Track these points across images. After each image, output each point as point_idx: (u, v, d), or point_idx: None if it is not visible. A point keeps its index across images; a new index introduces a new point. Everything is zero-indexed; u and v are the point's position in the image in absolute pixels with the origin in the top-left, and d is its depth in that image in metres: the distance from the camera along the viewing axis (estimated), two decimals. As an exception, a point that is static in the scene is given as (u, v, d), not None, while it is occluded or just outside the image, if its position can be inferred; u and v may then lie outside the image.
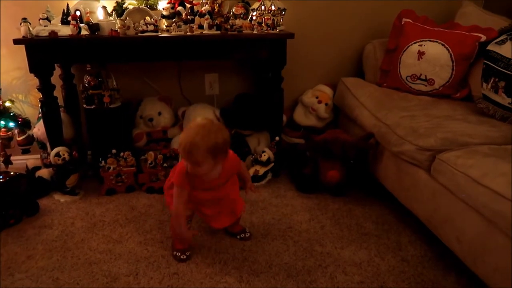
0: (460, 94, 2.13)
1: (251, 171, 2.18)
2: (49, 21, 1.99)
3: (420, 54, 2.16)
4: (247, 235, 1.73)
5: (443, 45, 2.11)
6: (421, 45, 2.16)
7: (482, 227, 1.32)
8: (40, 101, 2.03)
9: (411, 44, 2.19)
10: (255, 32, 2.08)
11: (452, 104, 2.05)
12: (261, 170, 2.20)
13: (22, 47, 1.91)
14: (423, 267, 1.56)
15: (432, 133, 1.65)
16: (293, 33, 2.07)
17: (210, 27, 2.07)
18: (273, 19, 2.10)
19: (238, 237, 1.72)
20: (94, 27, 1.94)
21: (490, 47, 1.93)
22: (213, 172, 1.46)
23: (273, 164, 2.23)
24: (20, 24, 1.88)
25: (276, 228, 1.80)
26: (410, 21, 2.26)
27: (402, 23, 2.27)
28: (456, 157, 1.48)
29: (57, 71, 2.20)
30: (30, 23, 1.89)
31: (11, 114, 2.03)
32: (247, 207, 1.97)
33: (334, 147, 2.00)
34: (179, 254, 1.59)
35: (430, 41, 2.15)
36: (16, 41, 1.88)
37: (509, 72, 1.77)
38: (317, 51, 2.57)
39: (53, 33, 1.89)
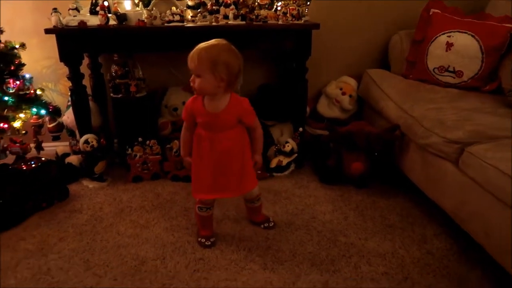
0: (489, 87, 2.09)
1: (274, 162, 2.19)
2: (78, 11, 2.03)
3: (449, 45, 2.12)
4: (270, 224, 1.74)
5: (472, 36, 2.07)
6: (449, 36, 2.12)
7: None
8: (70, 89, 2.08)
9: (439, 35, 2.15)
10: (280, 22, 2.08)
11: (481, 97, 2.00)
12: (284, 161, 2.21)
13: (52, 37, 1.96)
14: (449, 261, 1.55)
15: (460, 126, 1.62)
16: (318, 24, 2.05)
17: (235, 17, 2.08)
18: (298, 9, 2.09)
19: (262, 226, 1.74)
20: (121, 17, 1.98)
21: (523, 38, 1.88)
22: (215, 101, 1.43)
23: (296, 155, 2.23)
24: (51, 14, 1.92)
25: (299, 218, 1.81)
26: (439, 11, 2.21)
27: (430, 13, 2.23)
28: (485, 150, 1.45)
29: (85, 61, 2.25)
30: (60, 13, 1.94)
31: (42, 101, 2.09)
32: (270, 197, 1.99)
33: (359, 139, 1.99)
34: (204, 240, 1.62)
35: (459, 32, 2.10)
36: (47, 31, 1.93)
37: (543, 64, 1.72)
38: (342, 42, 2.55)
39: (82, 23, 1.94)
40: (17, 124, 1.97)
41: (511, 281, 1.33)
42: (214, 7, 2.08)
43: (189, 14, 2.10)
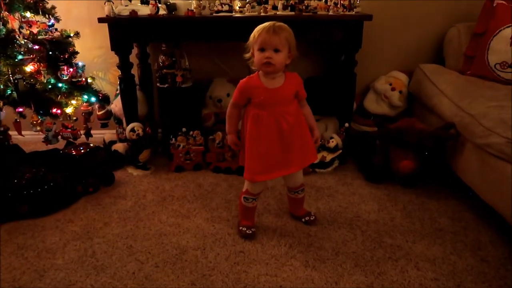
0: (558, 85, 1.91)
1: (318, 157, 2.13)
2: (130, 0, 2.06)
3: (513, 39, 1.96)
4: (312, 218, 1.70)
5: (541, 29, 1.90)
6: (515, 29, 1.96)
7: None
8: (119, 78, 2.13)
9: (504, 28, 1.99)
10: (330, 13, 2.01)
11: (548, 95, 1.84)
12: (328, 157, 2.14)
13: (103, 27, 2.00)
14: (506, 270, 1.43)
15: (526, 125, 1.49)
16: (371, 15, 1.97)
17: (284, 7, 2.04)
18: (350, 0, 2.01)
19: (303, 220, 1.70)
20: (171, 7, 1.99)
21: None
22: (275, 78, 1.45)
23: (340, 151, 2.16)
24: (104, 3, 1.97)
25: (342, 216, 1.75)
26: (504, 2, 2.05)
27: (494, 4, 2.07)
28: (555, 153, 1.32)
29: (134, 51, 2.29)
30: (113, 3, 1.98)
31: (93, 89, 2.15)
32: (313, 193, 1.94)
33: (409, 136, 1.89)
34: (245, 229, 1.60)
35: (526, 25, 1.94)
36: (101, 20, 1.98)
37: None
38: (394, 35, 2.43)
39: (133, 12, 1.97)
40: (69, 110, 2.04)
41: None
42: (263, -3, 2.05)
43: (237, 4, 2.08)
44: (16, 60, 1.85)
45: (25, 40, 1.90)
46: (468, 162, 1.75)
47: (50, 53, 1.96)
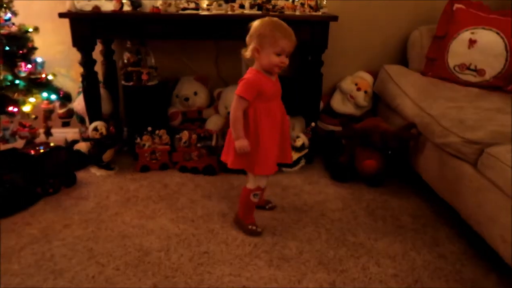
0: (512, 87, 2.00)
1: (285, 156, 2.14)
2: (93, -5, 2.00)
3: (472, 42, 2.03)
4: (274, 204, 1.79)
5: (497, 33, 1.98)
6: (473, 33, 2.04)
7: (532, 227, 1.23)
8: (81, 75, 2.07)
9: (462, 32, 2.07)
10: (297, 13, 2.02)
11: (504, 96, 1.92)
12: (295, 156, 2.15)
13: (66, 23, 1.94)
14: (462, 265, 1.48)
15: (482, 126, 1.55)
16: (336, 16, 1.99)
17: (252, 6, 2.04)
18: (316, 1, 2.04)
19: (267, 207, 1.77)
20: (136, 3, 1.95)
21: (551, 36, 1.79)
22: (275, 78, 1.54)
23: (307, 150, 2.18)
24: (66, -2, 1.91)
25: (308, 215, 1.76)
26: (463, 7, 2.12)
27: (454, 8, 2.14)
28: (507, 152, 1.39)
29: (98, 47, 2.23)
30: (75, -3, 1.92)
31: (53, 87, 2.08)
32: (278, 191, 1.95)
33: (374, 136, 1.93)
34: (255, 227, 1.62)
35: (483, 29, 2.02)
36: (61, 15, 1.92)
37: None
38: (360, 36, 2.48)
39: (96, 8, 1.91)
40: (26, 108, 1.96)
41: (528, 291, 1.27)
42: (230, -5, 2.04)
43: (204, 2, 2.06)
44: (-31, 55, 1.77)
45: (-21, 35, 1.81)
46: (428, 161, 1.81)
47: (7, 48, 1.88)
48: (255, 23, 1.47)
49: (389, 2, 2.40)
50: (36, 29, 2.05)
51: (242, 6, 2.04)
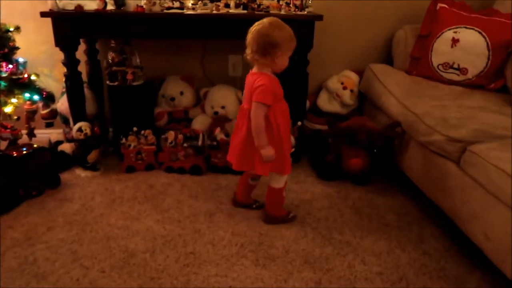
0: (494, 85, 2.03)
1: (272, 156, 2.14)
2: (76, -6, 1.97)
3: (454, 41, 2.06)
4: (261, 203, 1.79)
5: (480, 32, 2.01)
6: (456, 32, 2.06)
7: (513, 224, 1.25)
8: (65, 75, 2.03)
9: (445, 31, 2.09)
10: (282, 12, 2.02)
11: (486, 95, 1.95)
12: (282, 155, 2.16)
13: (49, 21, 1.91)
14: (446, 262, 1.50)
15: (464, 124, 1.57)
16: (321, 15, 2.00)
17: (237, 6, 2.03)
18: (302, 0, 2.04)
19: (255, 206, 1.79)
20: (119, 2, 1.93)
21: (531, 36, 1.82)
22: None
23: (294, 149, 2.18)
24: (48, -4, 1.87)
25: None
26: (446, 6, 2.15)
27: (437, 8, 2.17)
28: (489, 150, 1.41)
29: (82, 47, 2.21)
30: (57, -4, 1.89)
31: (36, 87, 2.04)
32: (265, 191, 1.93)
33: (359, 134, 1.94)
34: (292, 214, 1.72)
35: (466, 28, 2.05)
36: (43, 14, 1.88)
37: (551, 63, 1.67)
38: (345, 35, 2.49)
39: (79, 7, 1.89)
40: (8, 109, 1.92)
41: (510, 286, 1.29)
42: (215, -5, 2.03)
43: (189, 1, 2.04)
44: None
45: (-42, 34, 1.77)
46: (412, 159, 1.82)
47: (-13, 48, 1.85)
48: (269, 31, 1.43)
49: (374, 1, 2.41)
50: (17, 28, 2.01)
51: (227, 5, 2.03)
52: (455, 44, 2.06)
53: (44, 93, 2.06)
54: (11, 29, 1.98)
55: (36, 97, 2.04)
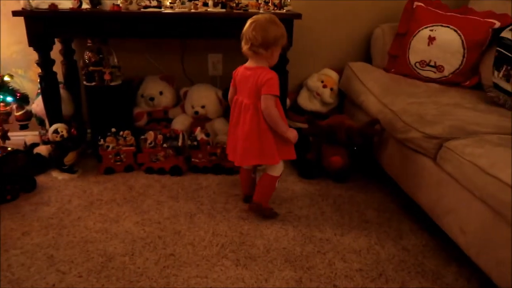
0: (470, 82, 2.07)
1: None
2: (50, -7, 1.92)
3: (431, 39, 2.09)
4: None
5: (455, 31, 2.04)
6: (432, 30, 2.09)
7: (487, 218, 1.28)
8: (39, 76, 1.99)
9: (422, 29, 2.12)
10: (261, 11, 2.01)
11: (461, 92, 1.99)
12: (263, 154, 2.15)
13: (23, 21, 1.86)
14: (424, 257, 1.53)
15: (440, 121, 1.60)
16: (300, 14, 2.00)
17: (215, 4, 2.01)
18: (280, -1, 2.04)
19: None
20: (95, 1, 1.89)
21: (504, 34, 1.86)
22: None
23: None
24: (21, -5, 1.82)
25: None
26: (422, 5, 2.18)
27: (414, 6, 2.20)
28: (464, 146, 1.43)
29: (58, 46, 2.16)
30: (30, -5, 1.84)
31: (9, 88, 1.98)
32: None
33: (339, 132, 1.96)
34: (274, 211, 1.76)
35: (442, 26, 2.08)
36: (15, 13, 1.83)
37: (523, 60, 1.71)
38: (324, 34, 2.50)
39: (53, 6, 1.84)
40: (-20, 111, 1.87)
41: (486, 278, 1.32)
42: (193, -7, 2.01)
43: (167, 0, 2.02)
44: None
45: None
46: (391, 156, 1.85)
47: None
48: (273, 25, 1.53)
49: (352, 0, 2.43)
50: (-12, 28, 1.95)
51: (206, 4, 2.02)
52: (432, 42, 2.09)
53: (18, 94, 2.00)
54: (-18, 29, 1.92)
55: (9, 99, 1.99)
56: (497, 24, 1.97)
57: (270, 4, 2.04)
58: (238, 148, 1.63)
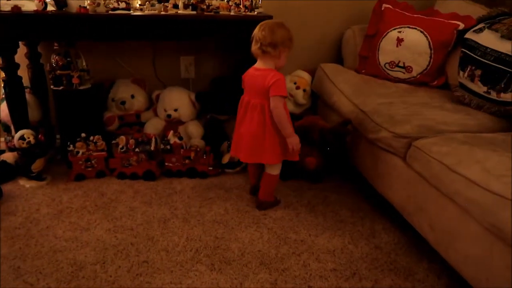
0: (437, 82, 2.13)
1: (227, 158, 2.13)
2: (13, -5, 1.86)
3: (399, 40, 2.13)
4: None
5: (422, 32, 2.09)
6: (400, 32, 2.14)
7: (455, 215, 1.32)
8: (3, 80, 1.92)
9: (391, 31, 2.17)
10: (232, 13, 2.01)
11: (429, 92, 2.04)
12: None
13: (-17, 24, 1.79)
14: (396, 254, 1.56)
15: (409, 120, 1.63)
16: (271, 16, 2.00)
17: (186, 6, 1.99)
18: (252, 1, 2.04)
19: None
20: (60, 3, 1.83)
21: (468, 35, 1.92)
22: None
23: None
24: (-20, -3, 1.76)
25: (250, 215, 1.76)
26: (390, 7, 2.22)
27: (382, 8, 2.24)
28: (431, 144, 1.47)
29: (23, 50, 2.09)
30: (-9, -3, 1.77)
31: (-29, 94, 1.91)
32: (222, 193, 1.93)
33: (312, 133, 1.97)
34: (277, 198, 1.86)
35: (409, 27, 2.13)
36: (-25, 16, 1.76)
37: (486, 61, 1.76)
38: (296, 36, 2.43)
39: (15, 8, 1.78)
40: None
41: (455, 273, 1.35)
42: (163, -5, 1.98)
43: (137, 2, 1.99)
44: None
45: None
46: (363, 156, 1.87)
47: None
48: (275, 27, 1.60)
49: (322, 2, 2.45)
50: None
51: (176, 6, 1.99)
52: (400, 43, 2.13)
53: (-19, 100, 1.93)
54: None
55: (-29, 105, 1.91)
56: (461, 25, 2.03)
57: (241, 6, 2.04)
58: (242, 145, 1.71)
